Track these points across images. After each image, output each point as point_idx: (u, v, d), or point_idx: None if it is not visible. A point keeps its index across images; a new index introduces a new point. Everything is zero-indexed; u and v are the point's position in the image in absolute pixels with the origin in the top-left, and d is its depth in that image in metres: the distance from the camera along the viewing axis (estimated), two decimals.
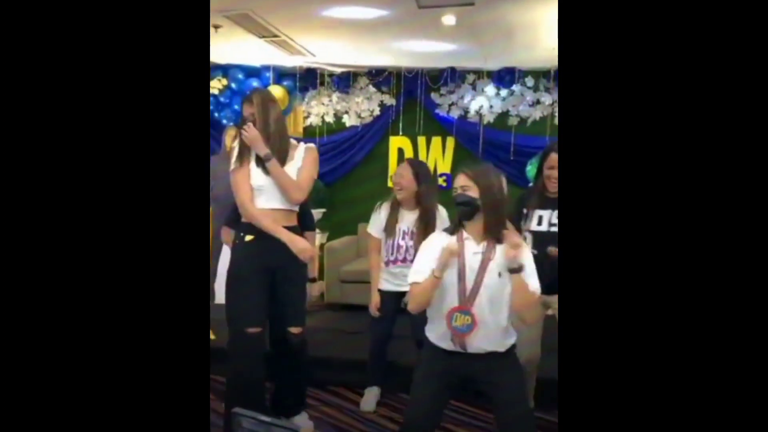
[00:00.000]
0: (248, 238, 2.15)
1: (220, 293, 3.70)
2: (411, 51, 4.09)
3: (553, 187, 2.26)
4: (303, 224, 2.35)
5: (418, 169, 2.58)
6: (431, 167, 4.78)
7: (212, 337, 3.11)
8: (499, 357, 1.81)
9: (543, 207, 2.30)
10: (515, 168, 4.53)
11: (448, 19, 3.23)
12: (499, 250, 1.77)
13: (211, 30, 3.67)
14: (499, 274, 1.76)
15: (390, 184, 4.77)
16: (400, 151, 4.82)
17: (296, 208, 2.22)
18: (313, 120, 4.89)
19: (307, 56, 4.30)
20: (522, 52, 3.98)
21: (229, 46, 4.10)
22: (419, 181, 2.51)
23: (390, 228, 2.55)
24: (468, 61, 4.35)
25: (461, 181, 1.80)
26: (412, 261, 2.38)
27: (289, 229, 2.18)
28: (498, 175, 1.85)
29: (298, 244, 2.13)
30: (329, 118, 4.87)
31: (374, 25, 3.43)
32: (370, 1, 2.99)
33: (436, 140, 4.76)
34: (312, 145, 2.28)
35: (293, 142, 2.23)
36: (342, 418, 2.61)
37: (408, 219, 2.55)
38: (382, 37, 3.76)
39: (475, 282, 1.77)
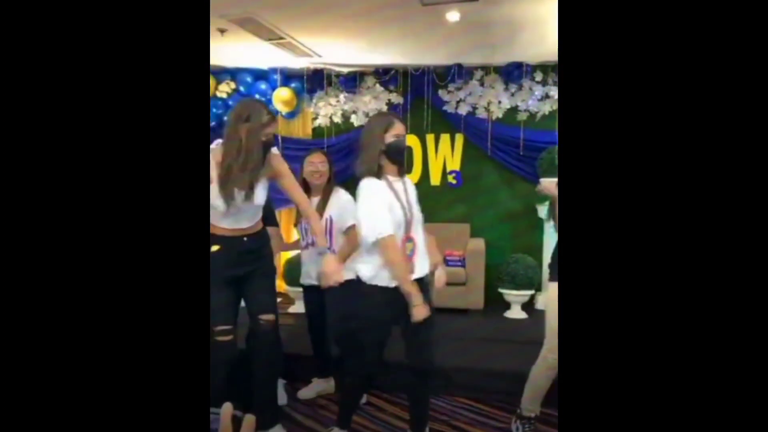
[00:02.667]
0: (214, 248, 2.13)
1: None
2: (417, 49, 4.08)
3: None
4: (267, 221, 2.38)
5: (330, 157, 2.82)
6: (440, 164, 4.77)
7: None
8: (421, 281, 2.03)
9: None
10: (525, 163, 4.50)
11: (453, 15, 3.22)
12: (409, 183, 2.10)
13: (218, 34, 3.70)
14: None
15: None
16: (409, 150, 4.82)
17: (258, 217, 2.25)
18: (322, 121, 4.90)
19: (314, 57, 4.32)
20: (529, 47, 3.95)
21: (236, 49, 4.13)
22: (331, 167, 2.76)
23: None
24: (475, 57, 4.33)
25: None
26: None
27: (255, 234, 2.22)
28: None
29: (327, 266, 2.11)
30: (337, 119, 4.88)
31: (379, 23, 3.43)
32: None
33: (445, 137, 4.74)
34: (276, 151, 2.19)
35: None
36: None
37: (313, 203, 2.69)
38: (387, 36, 3.76)
39: (411, 212, 2.01)
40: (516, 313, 4.15)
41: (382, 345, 2.09)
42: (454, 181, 4.71)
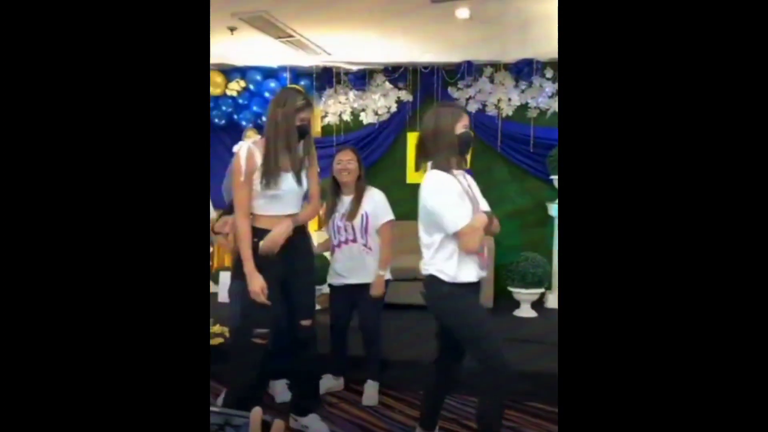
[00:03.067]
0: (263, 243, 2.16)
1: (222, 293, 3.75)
2: (426, 46, 4.07)
3: None
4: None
5: (359, 155, 2.79)
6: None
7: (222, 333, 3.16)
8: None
9: None
10: (535, 160, 4.47)
11: (462, 12, 3.21)
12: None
13: (228, 32, 3.71)
14: None
15: (410, 180, 4.78)
16: None
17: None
18: (331, 119, 4.91)
19: (323, 55, 4.32)
20: (539, 44, 3.92)
21: (246, 48, 4.14)
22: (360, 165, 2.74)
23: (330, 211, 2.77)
24: (485, 54, 4.31)
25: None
26: (353, 240, 2.65)
27: (299, 229, 2.23)
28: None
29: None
30: (346, 117, 4.88)
31: (388, 20, 3.42)
32: None
33: None
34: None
35: None
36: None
37: (345, 201, 2.72)
38: (396, 33, 3.75)
39: (477, 204, 1.95)
40: (526, 311, 4.13)
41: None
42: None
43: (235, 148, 2.21)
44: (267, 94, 4.69)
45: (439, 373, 2.14)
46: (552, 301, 4.22)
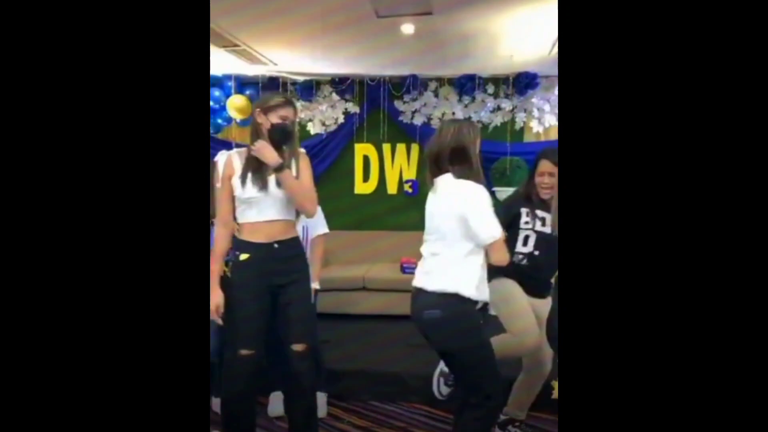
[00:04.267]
0: (243, 257, 1.99)
1: None
2: (373, 59, 4.14)
3: (545, 194, 2.22)
4: None
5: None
6: (397, 174, 4.84)
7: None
8: None
9: (541, 209, 2.25)
10: None
11: (407, 27, 3.29)
12: None
13: None
14: None
15: (358, 190, 4.82)
16: (366, 159, 4.86)
17: (293, 217, 2.08)
18: None
19: (269, 65, 4.30)
20: (481, 60, 4.07)
21: None
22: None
23: None
24: (429, 68, 4.42)
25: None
26: None
27: (290, 240, 2.05)
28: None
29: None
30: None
31: (334, 34, 3.46)
32: (329, 11, 3.02)
33: (401, 147, 4.81)
34: (303, 150, 2.14)
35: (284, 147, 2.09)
36: None
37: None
38: (342, 46, 3.79)
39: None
40: None
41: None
42: (410, 190, 4.78)
43: (216, 158, 2.08)
44: (211, 103, 4.60)
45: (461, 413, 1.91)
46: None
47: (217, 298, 1.94)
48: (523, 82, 4.41)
